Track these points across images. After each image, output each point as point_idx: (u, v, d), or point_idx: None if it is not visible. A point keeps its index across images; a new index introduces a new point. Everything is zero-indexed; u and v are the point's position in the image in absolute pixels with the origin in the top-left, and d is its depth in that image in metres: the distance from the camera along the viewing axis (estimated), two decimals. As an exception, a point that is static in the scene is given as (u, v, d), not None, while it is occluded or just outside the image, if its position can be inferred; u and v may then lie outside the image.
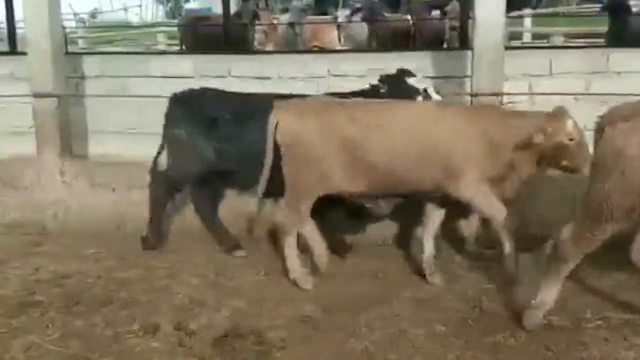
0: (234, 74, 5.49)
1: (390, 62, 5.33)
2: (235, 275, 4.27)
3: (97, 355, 3.26)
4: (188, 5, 26.60)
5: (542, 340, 3.38)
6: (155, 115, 5.58)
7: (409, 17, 11.01)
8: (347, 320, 3.61)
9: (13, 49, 6.57)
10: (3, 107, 5.74)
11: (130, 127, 5.71)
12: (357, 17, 10.92)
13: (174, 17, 22.84)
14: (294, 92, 5.33)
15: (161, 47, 14.30)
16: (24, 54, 5.65)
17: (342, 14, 10.87)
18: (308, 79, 5.45)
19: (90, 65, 5.72)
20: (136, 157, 5.55)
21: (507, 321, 3.60)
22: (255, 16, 9.88)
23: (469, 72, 5.00)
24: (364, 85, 5.28)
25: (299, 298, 3.89)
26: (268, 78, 5.42)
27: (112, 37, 16.83)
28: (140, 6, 25.78)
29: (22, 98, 5.55)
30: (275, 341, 3.36)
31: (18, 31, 6.66)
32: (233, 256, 4.62)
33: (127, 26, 20.70)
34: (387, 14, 11.63)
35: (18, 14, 6.32)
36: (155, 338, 3.42)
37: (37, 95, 5.27)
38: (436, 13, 11.02)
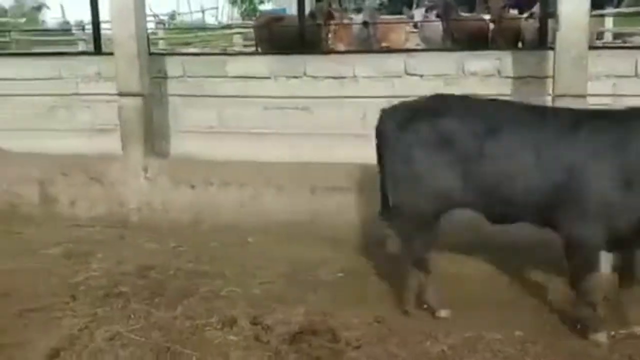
0: (309, 74, 5.54)
1: (468, 62, 5.27)
2: (312, 273, 4.31)
3: (178, 347, 3.34)
4: (263, 7, 27.01)
5: (625, 349, 3.26)
6: (232, 115, 5.75)
7: (485, 16, 10.82)
8: (424, 322, 3.59)
9: (98, 50, 6.84)
10: (90, 106, 5.99)
11: (208, 126, 5.85)
12: (432, 16, 10.83)
13: (249, 19, 23.23)
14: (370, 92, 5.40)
15: (236, 48, 14.59)
16: (109, 54, 5.89)
17: (418, 14, 10.78)
18: (383, 79, 5.43)
19: (172, 65, 5.88)
20: (214, 156, 5.72)
21: (589, 329, 3.49)
22: (330, 16, 9.92)
23: (550, 73, 4.86)
24: (442, 84, 5.25)
25: (375, 298, 3.89)
26: (343, 77, 5.43)
27: (189, 38, 17.29)
28: (216, 8, 26.39)
29: (108, 97, 5.78)
30: (350, 340, 3.36)
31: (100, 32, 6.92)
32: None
33: (204, 28, 21.19)
34: (462, 13, 11.48)
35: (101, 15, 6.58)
36: (233, 331, 3.48)
37: (122, 94, 5.47)
38: (514, 12, 10.80)
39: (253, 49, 12.84)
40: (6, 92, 6.12)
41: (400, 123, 3.62)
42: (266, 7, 26.90)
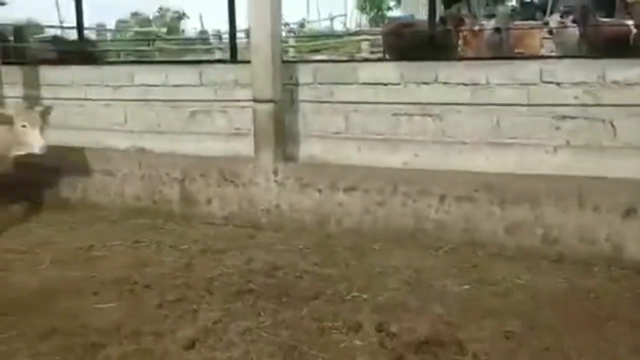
0: (440, 80, 5.47)
1: (610, 70, 4.98)
2: (437, 282, 4.26)
3: (305, 347, 3.42)
4: (390, 13, 27.09)
5: None
6: (360, 121, 5.80)
7: (627, 21, 10.19)
8: (555, 341, 3.44)
9: (234, 58, 7.15)
10: (226, 111, 6.28)
11: (336, 131, 5.94)
12: (568, 21, 10.36)
13: (377, 26, 23.36)
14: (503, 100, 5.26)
15: (364, 55, 14.71)
16: (244, 62, 6.15)
17: (553, 19, 10.35)
18: (518, 86, 5.25)
19: (303, 72, 6.02)
20: (341, 160, 5.80)
21: None
22: (461, 22, 9.78)
23: None
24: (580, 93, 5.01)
25: (503, 312, 3.77)
26: (476, 84, 5.32)
27: (318, 45, 17.65)
28: (345, 15, 26.75)
29: (242, 103, 6.04)
30: (478, 353, 3.28)
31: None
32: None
33: (334, 35, 21.53)
34: (601, 18, 10.88)
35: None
36: (359, 336, 3.51)
37: (257, 101, 5.69)
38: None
39: (380, 55, 12.89)
40: (152, 97, 6.56)
41: None
42: (394, 13, 26.91)
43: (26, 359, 3.33)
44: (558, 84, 5.11)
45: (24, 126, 5.27)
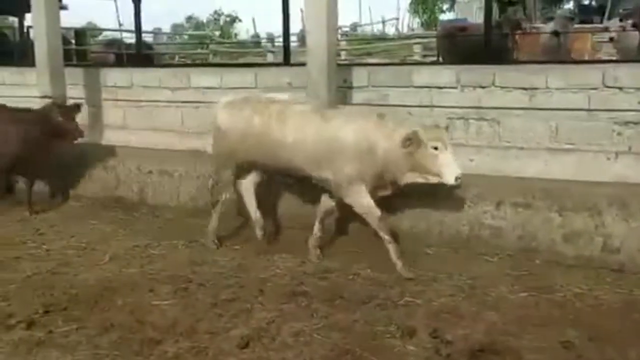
0: (497, 84, 5.38)
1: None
2: (492, 289, 4.18)
3: (358, 350, 3.40)
4: (443, 16, 26.89)
5: None
6: (414, 125, 5.74)
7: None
8: (615, 353, 3.33)
9: (288, 61, 7.20)
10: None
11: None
12: (627, 25, 10.08)
13: (429, 29, 23.21)
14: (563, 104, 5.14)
15: (416, 58, 14.61)
16: (299, 65, 6.18)
17: (613, 24, 10.07)
18: (577, 90, 5.13)
19: (357, 75, 6.02)
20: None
21: None
22: (518, 26, 9.62)
23: None
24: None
25: (562, 321, 3.68)
26: (535, 89, 5.22)
27: (370, 48, 17.61)
28: (397, 19, 26.62)
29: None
30: (535, 363, 3.22)
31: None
32: None
33: (386, 38, 21.47)
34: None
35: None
36: (412, 342, 3.48)
37: (311, 103, 5.70)
38: None
39: (433, 58, 12.79)
40: (208, 99, 6.64)
41: None
42: (447, 16, 26.69)
43: (86, 352, 3.42)
44: (620, 88, 4.97)
45: (435, 148, 4.20)
